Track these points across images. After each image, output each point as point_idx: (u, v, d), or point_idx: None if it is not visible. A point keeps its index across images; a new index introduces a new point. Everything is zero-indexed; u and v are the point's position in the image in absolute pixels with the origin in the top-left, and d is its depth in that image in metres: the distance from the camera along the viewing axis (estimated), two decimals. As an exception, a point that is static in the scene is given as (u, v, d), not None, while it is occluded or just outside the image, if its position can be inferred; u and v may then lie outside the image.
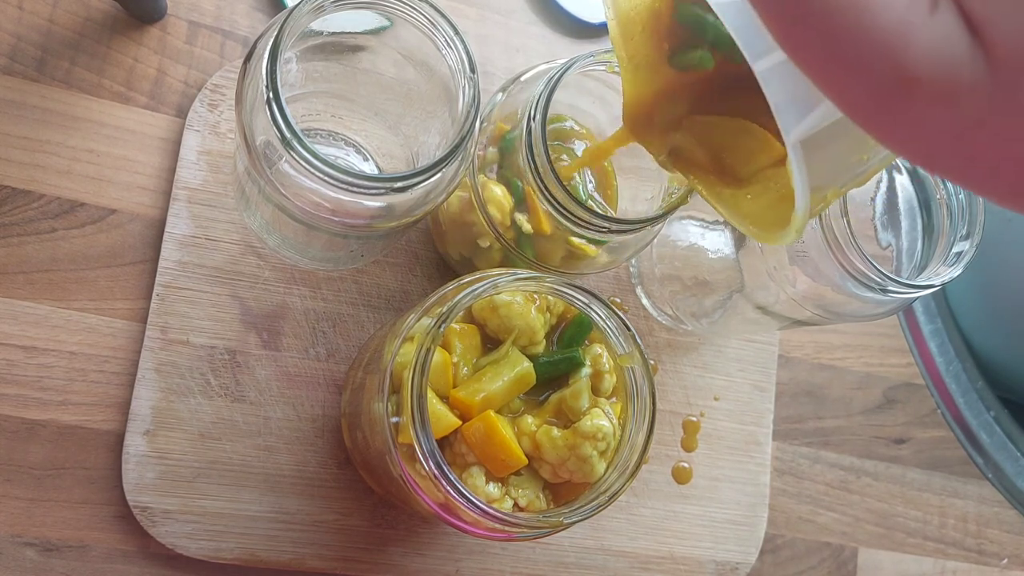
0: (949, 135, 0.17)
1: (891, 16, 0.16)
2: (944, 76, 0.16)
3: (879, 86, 0.16)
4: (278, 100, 0.33)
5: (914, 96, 0.16)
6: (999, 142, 0.17)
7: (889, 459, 0.62)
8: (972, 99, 0.16)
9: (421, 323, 0.38)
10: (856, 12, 0.16)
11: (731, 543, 0.55)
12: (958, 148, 0.17)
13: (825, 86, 0.17)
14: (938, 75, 0.16)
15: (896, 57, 0.16)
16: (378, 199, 0.36)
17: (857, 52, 0.16)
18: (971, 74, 0.16)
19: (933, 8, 0.16)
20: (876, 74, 0.16)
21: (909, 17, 0.16)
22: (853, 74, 0.17)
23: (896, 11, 0.16)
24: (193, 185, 0.48)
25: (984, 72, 0.16)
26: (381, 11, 0.37)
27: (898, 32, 0.16)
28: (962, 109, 0.16)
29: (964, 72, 0.16)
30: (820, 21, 0.16)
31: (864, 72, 0.16)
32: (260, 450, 0.47)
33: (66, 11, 0.49)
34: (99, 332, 0.46)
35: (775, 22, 0.17)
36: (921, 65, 0.16)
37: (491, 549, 0.50)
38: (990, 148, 0.17)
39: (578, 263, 0.44)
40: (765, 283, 0.45)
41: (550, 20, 0.57)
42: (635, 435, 0.38)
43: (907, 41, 0.16)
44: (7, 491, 0.44)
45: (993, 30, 0.16)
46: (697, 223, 0.52)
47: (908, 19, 0.16)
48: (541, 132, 0.38)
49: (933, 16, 0.16)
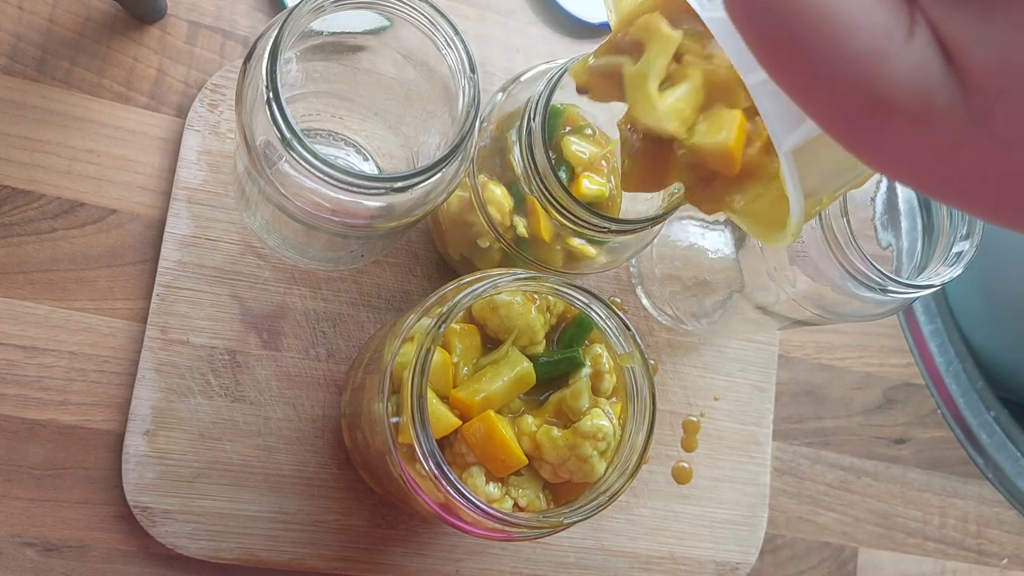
0: (925, 158, 0.17)
1: (866, 40, 0.16)
2: (918, 101, 0.16)
3: (855, 108, 0.17)
4: (278, 100, 0.33)
5: (889, 119, 0.17)
6: (975, 166, 0.17)
7: (889, 459, 0.62)
8: (947, 124, 0.16)
9: (421, 323, 0.38)
10: (832, 36, 0.16)
11: (731, 543, 0.55)
12: (935, 170, 0.17)
13: (804, 106, 0.18)
14: (912, 100, 0.16)
15: (871, 81, 0.16)
16: (378, 199, 0.36)
17: (832, 75, 0.16)
18: (946, 99, 0.16)
19: (910, 33, 0.16)
20: (851, 97, 0.17)
21: (885, 42, 0.16)
22: (829, 96, 0.17)
23: (872, 35, 0.16)
24: (193, 185, 0.48)
25: (959, 98, 0.16)
26: (381, 11, 0.37)
27: (873, 56, 0.16)
28: (937, 133, 0.17)
29: (939, 97, 0.16)
30: (797, 44, 0.16)
31: (840, 95, 0.17)
32: (260, 450, 0.47)
33: (66, 11, 0.49)
34: (99, 332, 0.46)
35: (755, 44, 0.17)
36: (895, 89, 0.16)
37: (491, 549, 0.50)
38: (966, 171, 0.17)
39: (578, 263, 0.44)
40: (765, 283, 0.45)
41: (550, 20, 0.57)
42: (635, 435, 0.38)
43: (882, 65, 0.16)
44: (7, 491, 0.44)
45: (968, 57, 0.16)
46: (697, 223, 0.52)
47: (884, 43, 0.16)
48: (541, 132, 0.38)
49: (909, 41, 0.16)
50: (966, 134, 0.16)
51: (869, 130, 0.17)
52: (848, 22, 0.16)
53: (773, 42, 0.17)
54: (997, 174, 0.17)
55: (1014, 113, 0.16)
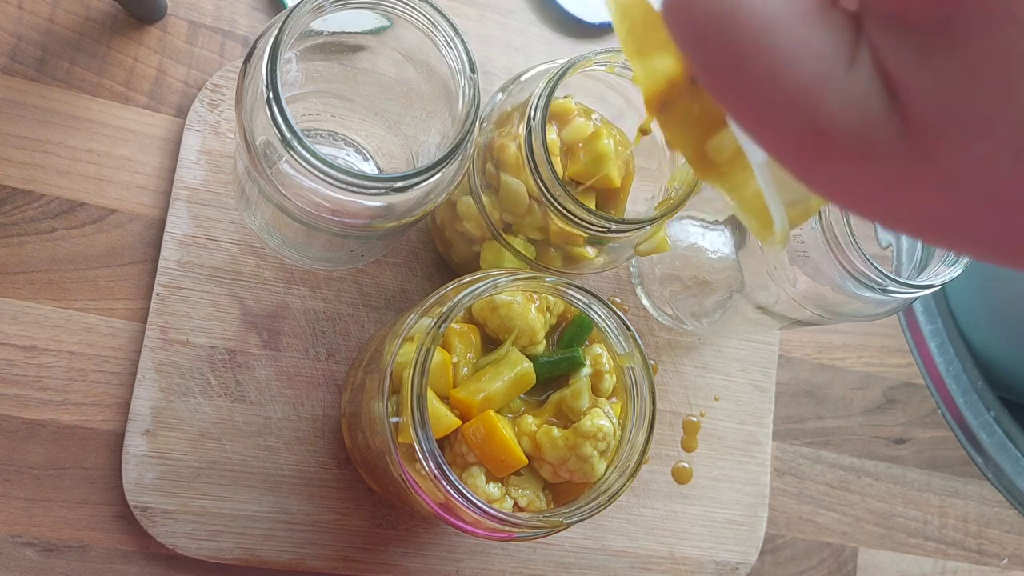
0: (867, 191, 0.17)
1: (806, 71, 0.15)
2: (858, 135, 0.16)
3: (796, 140, 0.16)
4: (278, 100, 0.33)
5: (830, 152, 0.16)
6: (918, 202, 0.16)
7: (889, 459, 0.62)
8: (888, 159, 0.16)
9: (421, 323, 0.38)
10: (771, 67, 0.16)
11: (731, 543, 0.55)
12: (878, 203, 0.17)
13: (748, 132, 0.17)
14: (852, 134, 0.16)
15: (809, 113, 0.16)
16: (378, 199, 0.36)
17: (773, 106, 0.16)
18: (886, 134, 0.16)
19: (851, 62, 0.16)
20: (792, 128, 0.16)
21: (825, 71, 0.15)
22: (771, 126, 0.16)
23: (811, 65, 0.15)
24: (193, 185, 0.48)
25: (900, 133, 0.15)
26: (381, 11, 0.37)
27: (812, 88, 0.15)
28: (878, 168, 0.16)
29: (879, 132, 0.16)
30: (737, 74, 0.16)
31: (781, 125, 0.16)
32: (260, 450, 0.47)
33: (66, 11, 0.49)
34: (99, 332, 0.46)
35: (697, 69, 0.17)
36: (835, 123, 0.16)
37: (491, 549, 0.50)
38: (910, 206, 0.16)
39: (578, 264, 0.44)
40: (765, 283, 0.45)
41: (550, 20, 0.57)
42: (635, 435, 0.38)
43: (821, 98, 0.15)
44: (7, 491, 0.44)
45: (909, 91, 0.15)
46: (697, 223, 0.52)
47: (823, 73, 0.15)
48: (541, 132, 0.38)
49: (850, 71, 0.16)
50: (908, 170, 0.16)
51: (811, 162, 0.16)
52: (788, 51, 0.15)
53: (714, 69, 0.16)
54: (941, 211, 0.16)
55: (956, 154, 0.15)
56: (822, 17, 0.16)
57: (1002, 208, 0.16)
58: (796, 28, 0.15)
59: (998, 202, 0.15)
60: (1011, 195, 0.15)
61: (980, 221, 0.16)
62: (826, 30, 0.16)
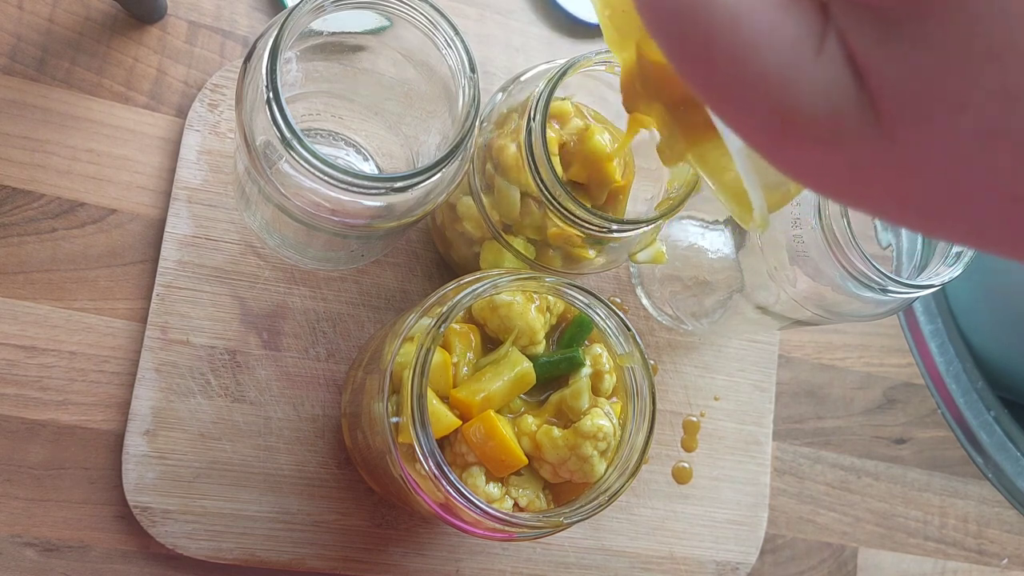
0: (839, 175, 0.17)
1: (774, 57, 0.16)
2: (827, 120, 0.16)
3: (767, 125, 0.16)
4: (278, 100, 0.33)
5: (800, 137, 0.16)
6: (889, 185, 0.16)
7: (889, 459, 0.62)
8: (858, 144, 0.16)
9: (421, 323, 0.38)
10: (740, 53, 0.16)
11: (731, 543, 0.55)
12: (851, 187, 0.17)
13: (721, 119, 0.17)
14: (822, 119, 0.16)
15: (779, 99, 0.16)
16: (378, 199, 0.36)
17: (742, 92, 0.16)
18: (856, 119, 0.16)
19: (820, 47, 0.16)
20: (762, 113, 0.16)
21: (793, 58, 0.16)
22: (743, 113, 0.16)
23: (780, 52, 0.16)
24: (193, 185, 0.48)
25: (869, 117, 0.16)
26: (381, 11, 0.37)
27: (781, 74, 0.16)
28: (849, 153, 0.16)
29: (849, 117, 0.16)
30: (707, 62, 0.16)
31: (751, 111, 0.16)
32: (260, 450, 0.47)
33: (66, 11, 0.49)
34: (99, 332, 0.46)
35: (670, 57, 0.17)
36: (804, 108, 0.16)
37: (491, 549, 0.50)
38: (881, 189, 0.17)
39: (578, 264, 0.44)
40: (765, 283, 0.45)
41: (550, 20, 0.57)
42: (635, 435, 0.38)
43: (790, 84, 0.16)
44: (7, 491, 0.44)
45: (875, 75, 0.15)
46: (697, 223, 0.52)
47: (792, 60, 0.16)
48: (541, 132, 0.38)
49: (819, 57, 0.16)
50: (877, 154, 0.16)
51: (785, 149, 0.17)
52: (756, 38, 0.16)
53: (686, 57, 0.16)
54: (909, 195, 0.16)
55: (922, 138, 0.15)
56: (791, 3, 0.16)
57: (968, 193, 0.16)
58: (766, 14, 0.16)
59: (964, 187, 0.16)
60: (976, 179, 0.15)
61: (947, 205, 0.16)
62: (795, 16, 0.16)
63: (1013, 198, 0.15)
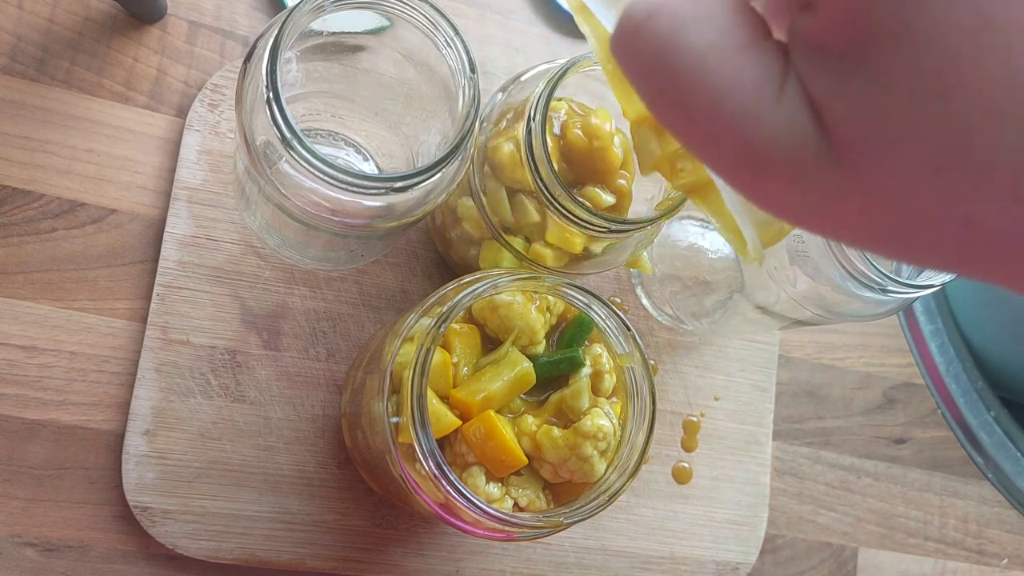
0: (808, 210, 0.17)
1: (739, 99, 0.16)
2: (789, 158, 0.16)
3: (737, 163, 0.17)
4: (278, 100, 0.33)
5: (767, 175, 0.17)
6: (854, 219, 0.17)
7: (889, 459, 0.62)
8: (821, 181, 0.16)
9: (421, 323, 0.38)
10: (708, 95, 0.16)
11: (731, 543, 0.55)
12: (819, 220, 0.18)
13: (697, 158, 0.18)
14: (785, 158, 0.16)
15: (744, 138, 0.16)
16: (378, 199, 0.36)
17: (712, 132, 0.17)
18: (815, 156, 0.16)
19: (780, 89, 0.16)
20: (731, 153, 0.17)
21: (757, 100, 0.16)
22: (713, 151, 0.17)
23: (744, 94, 0.16)
24: (193, 185, 0.48)
25: (828, 154, 0.16)
26: (381, 11, 0.37)
27: (747, 115, 0.16)
28: (813, 190, 0.17)
29: (808, 154, 0.16)
30: (680, 104, 0.17)
31: (721, 150, 0.17)
32: (260, 450, 0.47)
33: (66, 11, 0.49)
34: (99, 332, 0.46)
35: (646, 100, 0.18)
36: (768, 146, 0.16)
37: (491, 549, 0.50)
38: (844, 222, 0.17)
39: (578, 263, 0.44)
40: (765, 283, 0.45)
41: (550, 20, 0.57)
42: (635, 435, 0.38)
43: (755, 124, 0.16)
44: (7, 491, 0.44)
45: (830, 113, 0.16)
46: (697, 223, 0.52)
47: (756, 101, 0.16)
48: (541, 132, 0.38)
49: (780, 98, 0.16)
50: (837, 189, 0.16)
51: (753, 183, 0.17)
52: (722, 82, 0.16)
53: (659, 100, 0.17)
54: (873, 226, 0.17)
55: (878, 171, 0.16)
56: (754, 49, 0.17)
57: (926, 221, 0.16)
58: (730, 59, 0.16)
59: (921, 215, 0.16)
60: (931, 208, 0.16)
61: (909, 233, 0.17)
62: (758, 61, 0.16)
63: (966, 224, 0.16)
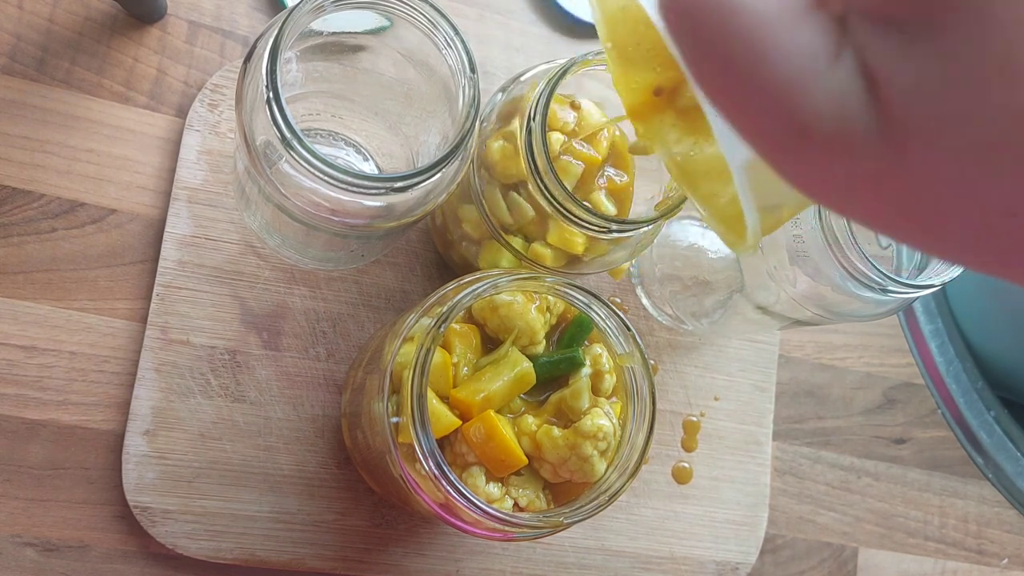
0: (848, 189, 0.17)
1: (790, 64, 0.16)
2: (837, 131, 0.16)
3: (778, 134, 0.16)
4: (278, 100, 0.33)
5: (810, 147, 0.16)
6: (897, 200, 0.16)
7: (889, 459, 0.62)
8: (866, 156, 0.16)
9: (421, 323, 0.38)
10: (756, 58, 0.16)
11: (731, 543, 0.55)
12: (859, 202, 0.17)
13: (732, 123, 0.17)
14: (831, 129, 0.16)
15: (790, 109, 0.16)
16: (378, 199, 0.36)
17: (755, 101, 0.16)
18: (865, 130, 0.16)
19: (835, 57, 0.16)
20: (774, 123, 0.16)
21: (808, 66, 0.16)
22: (755, 119, 0.17)
23: (795, 59, 0.16)
24: (193, 185, 0.48)
25: (878, 129, 0.16)
26: (381, 11, 0.37)
27: (795, 82, 0.16)
28: (857, 164, 0.16)
29: (858, 127, 0.16)
30: (723, 65, 0.16)
31: (764, 118, 0.16)
32: (260, 450, 0.47)
33: (66, 11, 0.49)
34: (99, 332, 0.46)
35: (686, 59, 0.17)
36: (815, 118, 0.16)
37: (491, 549, 0.50)
38: (890, 205, 0.17)
39: (578, 263, 0.44)
40: (765, 283, 0.45)
41: (550, 20, 0.57)
42: (635, 435, 0.38)
43: (804, 92, 0.16)
44: (7, 491, 0.44)
45: (886, 87, 0.15)
46: (697, 223, 0.52)
47: (807, 68, 0.16)
48: (541, 132, 0.38)
49: (833, 66, 0.16)
50: (886, 168, 0.16)
51: (794, 157, 0.17)
52: (772, 44, 0.16)
53: (705, 62, 0.17)
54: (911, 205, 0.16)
55: (929, 150, 0.15)
56: (810, 16, 0.16)
57: (966, 204, 0.16)
58: (784, 24, 0.16)
59: (962, 198, 0.16)
60: (975, 192, 0.15)
61: (945, 216, 0.16)
62: (813, 28, 0.16)
63: (1008, 212, 0.15)
